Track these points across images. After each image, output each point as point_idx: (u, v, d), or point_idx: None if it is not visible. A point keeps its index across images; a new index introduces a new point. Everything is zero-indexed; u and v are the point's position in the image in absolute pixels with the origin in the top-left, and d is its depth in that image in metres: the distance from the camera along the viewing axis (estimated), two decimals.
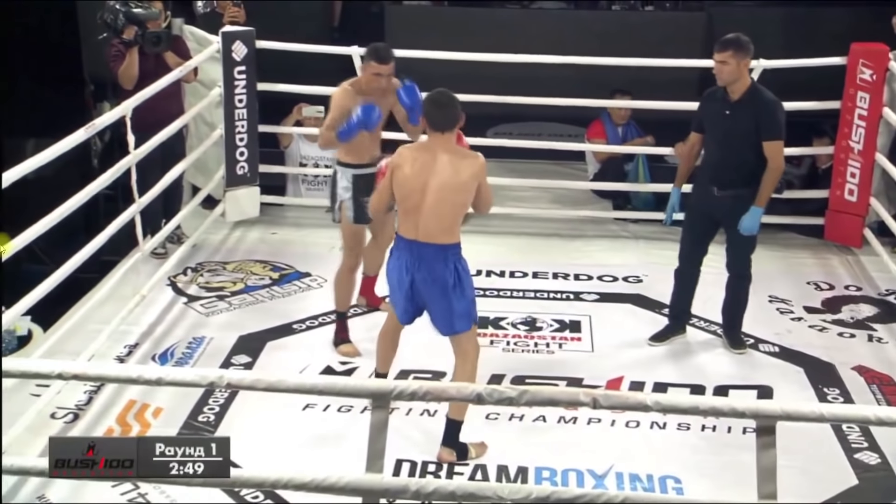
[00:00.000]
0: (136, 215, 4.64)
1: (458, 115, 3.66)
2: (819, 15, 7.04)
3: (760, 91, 4.28)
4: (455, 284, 3.67)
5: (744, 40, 4.23)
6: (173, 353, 4.50)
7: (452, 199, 3.64)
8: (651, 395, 3.05)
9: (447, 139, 3.65)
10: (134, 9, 5.00)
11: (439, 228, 3.65)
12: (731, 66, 4.18)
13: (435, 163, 3.62)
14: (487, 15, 7.30)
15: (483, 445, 3.82)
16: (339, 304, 4.57)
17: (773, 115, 4.21)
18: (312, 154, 6.13)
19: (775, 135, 4.20)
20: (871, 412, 2.60)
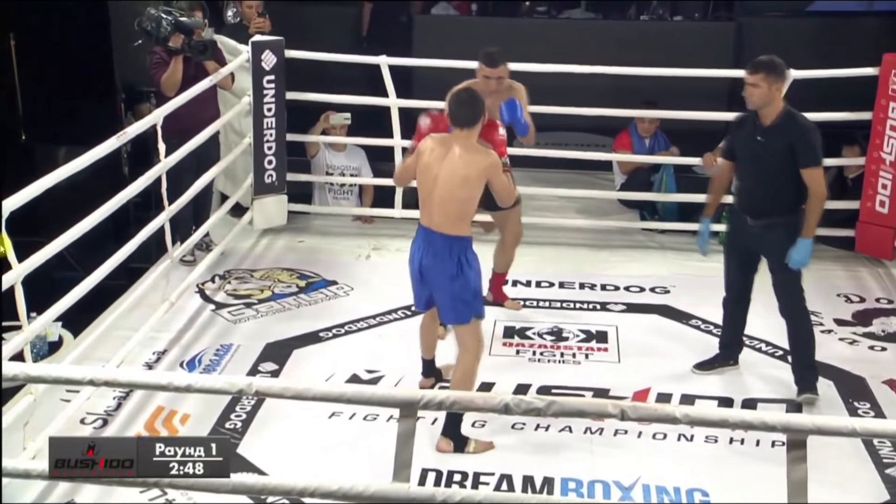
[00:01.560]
0: (166, 223, 4.68)
1: (476, 115, 3.78)
2: (850, 26, 6.97)
3: (794, 115, 4.07)
4: (457, 276, 3.78)
5: (777, 63, 4.05)
6: (201, 359, 4.52)
7: (458, 194, 3.76)
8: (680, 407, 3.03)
9: (465, 135, 3.78)
10: (180, 17, 5.05)
11: (446, 219, 3.79)
12: (763, 89, 4.01)
13: (448, 156, 3.77)
14: (514, 25, 7.30)
15: (489, 444, 3.86)
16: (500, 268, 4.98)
17: (809, 140, 4.01)
18: (339, 163, 6.16)
19: (814, 161, 4.01)
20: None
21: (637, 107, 5.92)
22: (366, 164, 6.19)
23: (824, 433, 2.61)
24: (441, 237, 3.80)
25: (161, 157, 4.62)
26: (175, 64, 5.11)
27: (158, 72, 5.16)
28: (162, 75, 5.14)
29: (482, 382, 4.31)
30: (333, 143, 6.11)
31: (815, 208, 4.05)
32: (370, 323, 4.93)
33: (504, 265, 5.00)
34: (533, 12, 7.55)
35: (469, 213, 3.83)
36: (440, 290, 3.84)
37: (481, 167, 3.75)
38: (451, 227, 3.79)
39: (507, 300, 5.08)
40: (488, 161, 3.78)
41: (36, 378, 2.92)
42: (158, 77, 5.17)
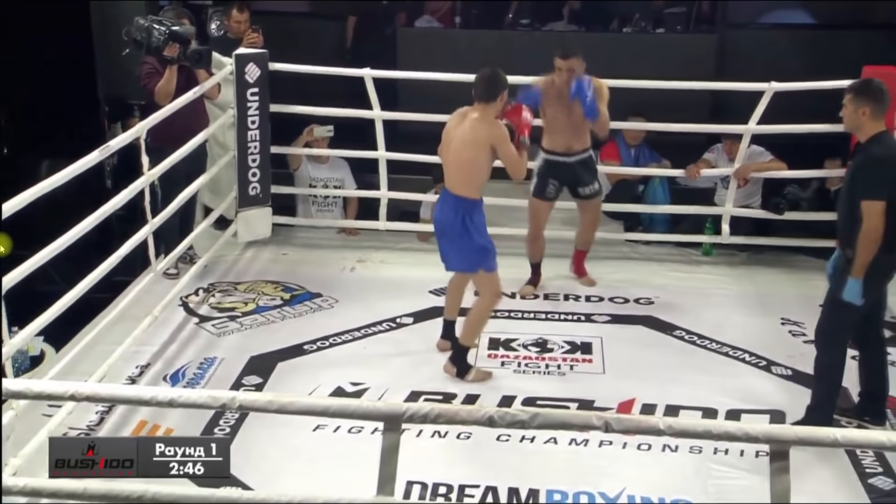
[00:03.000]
0: (150, 236, 4.66)
1: (492, 91, 4.25)
2: (831, 40, 7.04)
3: (873, 143, 3.81)
4: (461, 234, 4.31)
5: (867, 85, 3.85)
6: (184, 373, 4.50)
7: (464, 155, 4.27)
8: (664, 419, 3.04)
9: (481, 108, 4.27)
10: (173, 27, 5.06)
11: (456, 181, 4.33)
12: (849, 110, 3.85)
13: (462, 125, 4.30)
14: (498, 38, 7.34)
15: (488, 374, 4.44)
16: (530, 257, 5.37)
17: (870, 171, 3.78)
18: (322, 176, 6.16)
19: (870, 194, 3.75)
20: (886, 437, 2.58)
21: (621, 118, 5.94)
22: (349, 175, 6.20)
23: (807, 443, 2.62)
24: (452, 196, 4.33)
25: (144, 170, 4.61)
26: (170, 73, 5.10)
27: (151, 81, 5.16)
28: (155, 85, 5.14)
29: (467, 395, 4.33)
30: (316, 156, 6.11)
31: (864, 245, 3.78)
32: (355, 335, 4.93)
33: (584, 244, 5.46)
34: (516, 25, 7.58)
35: (474, 177, 4.29)
36: (448, 242, 4.39)
37: (485, 134, 4.22)
38: (460, 189, 4.32)
39: (584, 276, 5.49)
40: (493, 131, 4.23)
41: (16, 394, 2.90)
42: (152, 87, 5.16)
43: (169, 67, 5.09)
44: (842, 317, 3.97)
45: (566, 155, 5.12)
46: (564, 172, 5.16)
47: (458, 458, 3.89)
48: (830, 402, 4.03)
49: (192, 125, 5.22)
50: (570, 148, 5.11)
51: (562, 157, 5.13)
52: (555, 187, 5.20)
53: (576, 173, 5.17)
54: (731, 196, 5.79)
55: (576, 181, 5.19)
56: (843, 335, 4.03)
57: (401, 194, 6.06)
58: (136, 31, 5.07)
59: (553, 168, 5.17)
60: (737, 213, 5.81)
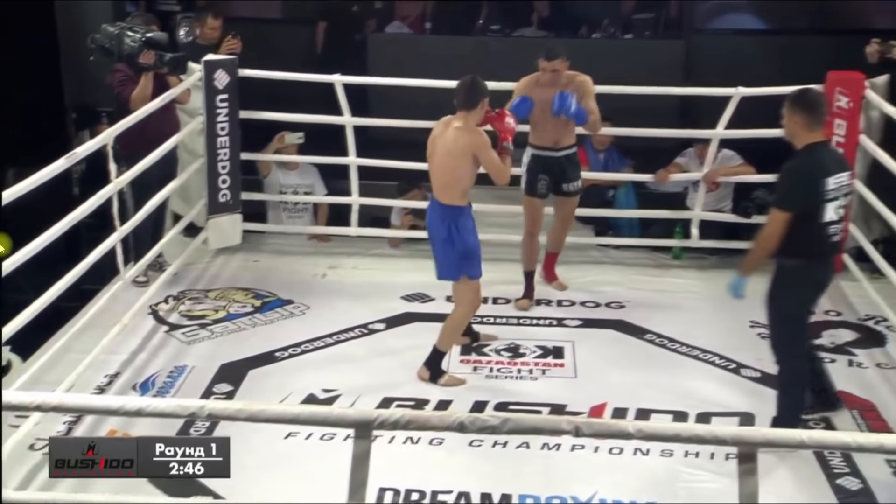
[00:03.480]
0: (118, 243, 4.63)
1: (471, 99, 4.31)
2: (796, 44, 7.13)
3: (802, 154, 3.83)
4: (447, 240, 4.37)
5: (804, 95, 3.85)
6: (154, 382, 4.47)
7: (448, 163, 4.32)
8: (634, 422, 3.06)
9: (462, 116, 4.33)
10: (147, 33, 5.04)
11: (440, 188, 4.39)
12: (785, 118, 3.86)
13: (445, 132, 4.36)
14: (468, 44, 7.36)
15: (461, 381, 4.48)
16: (524, 264, 5.34)
17: (788, 179, 3.83)
18: (292, 182, 6.14)
19: (778, 202, 3.81)
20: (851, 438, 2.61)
21: None
22: (319, 181, 6.18)
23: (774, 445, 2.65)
24: (438, 204, 4.40)
25: (112, 178, 4.57)
26: (146, 80, 5.09)
27: (126, 89, 5.14)
28: (130, 93, 5.12)
29: (439, 400, 4.33)
30: (286, 163, 6.09)
31: (757, 247, 3.89)
32: (327, 342, 4.91)
33: (556, 245, 5.48)
34: (486, 31, 7.60)
35: (458, 183, 4.34)
36: (436, 249, 4.46)
37: (465, 142, 4.27)
38: (444, 196, 4.38)
39: (554, 280, 5.50)
40: (473, 138, 4.28)
41: None
42: (127, 95, 5.13)
43: (144, 75, 5.08)
44: (779, 332, 4.00)
45: (553, 149, 5.15)
46: (552, 166, 5.19)
47: (431, 464, 3.89)
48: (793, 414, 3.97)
49: (166, 130, 5.22)
50: (557, 142, 5.15)
51: (549, 152, 5.16)
52: (545, 182, 5.22)
53: (562, 168, 5.19)
54: (700, 200, 5.84)
55: (561, 176, 5.21)
56: (798, 344, 4.02)
57: (372, 200, 6.06)
58: (105, 38, 5.03)
59: (541, 162, 5.20)
60: (705, 216, 5.86)
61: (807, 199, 3.77)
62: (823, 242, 3.84)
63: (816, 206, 3.77)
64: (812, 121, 3.81)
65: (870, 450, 2.57)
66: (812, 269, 3.89)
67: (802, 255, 3.83)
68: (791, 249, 3.81)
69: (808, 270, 3.88)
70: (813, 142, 3.83)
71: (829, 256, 3.95)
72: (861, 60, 5.54)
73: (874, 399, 4.40)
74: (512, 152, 4.53)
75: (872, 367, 4.71)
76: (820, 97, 3.90)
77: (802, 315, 4.01)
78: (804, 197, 3.77)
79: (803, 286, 3.93)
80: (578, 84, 5.03)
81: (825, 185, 3.77)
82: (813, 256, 3.85)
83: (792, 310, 3.96)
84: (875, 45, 5.46)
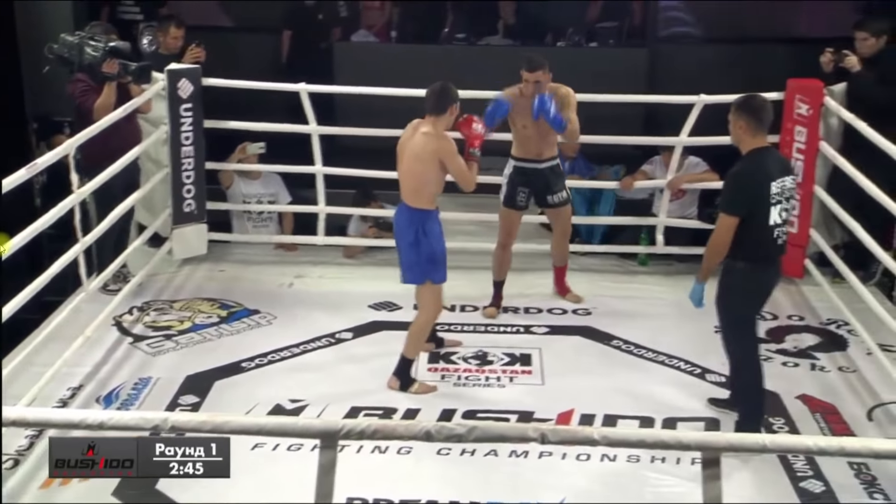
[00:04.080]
0: (80, 254, 4.58)
1: (440, 104, 4.36)
2: (758, 53, 7.22)
3: (745, 158, 3.91)
4: (414, 244, 4.40)
5: (749, 101, 3.91)
6: (118, 394, 4.42)
7: (415, 168, 4.36)
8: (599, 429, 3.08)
9: (431, 121, 4.37)
10: (110, 43, 5.01)
11: (407, 192, 4.42)
12: (731, 123, 3.93)
13: (413, 137, 4.39)
14: (434, 52, 7.37)
15: (432, 388, 4.50)
16: (494, 274, 5.35)
17: (733, 184, 3.89)
18: (254, 192, 6.11)
19: (725, 206, 3.87)
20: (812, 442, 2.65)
21: None
22: (282, 189, 6.16)
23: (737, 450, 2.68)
24: (406, 208, 4.44)
25: (74, 188, 4.52)
26: (109, 90, 5.06)
27: (89, 99, 5.09)
28: (92, 103, 5.07)
29: (407, 409, 4.32)
30: (248, 172, 6.06)
31: (709, 253, 3.94)
32: (294, 352, 4.89)
33: (561, 259, 5.46)
34: (452, 39, 7.62)
35: (425, 188, 4.38)
36: (402, 252, 4.48)
37: (432, 148, 4.31)
38: (412, 200, 4.41)
39: (568, 293, 5.46)
40: (438, 144, 4.32)
41: None
42: (90, 104, 5.09)
43: (108, 84, 5.04)
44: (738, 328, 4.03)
45: (537, 161, 5.16)
46: (535, 179, 5.18)
47: (399, 473, 3.88)
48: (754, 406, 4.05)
49: (129, 140, 5.19)
50: (540, 154, 5.16)
51: (532, 164, 5.16)
52: (524, 195, 5.22)
53: (546, 180, 5.19)
54: (665, 207, 5.89)
55: (546, 188, 5.21)
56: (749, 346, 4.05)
57: (339, 209, 6.05)
58: (64, 48, 4.99)
59: (523, 175, 5.19)
60: (670, 223, 5.92)
61: (751, 203, 3.83)
62: (769, 245, 3.91)
63: (760, 210, 3.84)
64: (756, 126, 3.88)
65: (831, 453, 2.60)
66: (758, 272, 3.95)
67: (748, 258, 3.90)
68: (737, 252, 3.88)
69: (755, 273, 3.95)
70: (757, 147, 3.90)
71: (775, 259, 4.01)
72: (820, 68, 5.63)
73: (836, 402, 4.46)
74: (479, 159, 4.54)
75: (834, 371, 4.78)
76: (764, 103, 3.96)
77: (751, 317, 4.07)
78: (748, 201, 3.84)
79: (749, 288, 3.99)
80: (562, 95, 5.05)
81: (768, 189, 3.83)
82: (759, 259, 3.92)
83: (739, 311, 4.02)
84: (829, 55, 5.55)
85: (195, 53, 5.80)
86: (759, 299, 4.08)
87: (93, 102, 5.07)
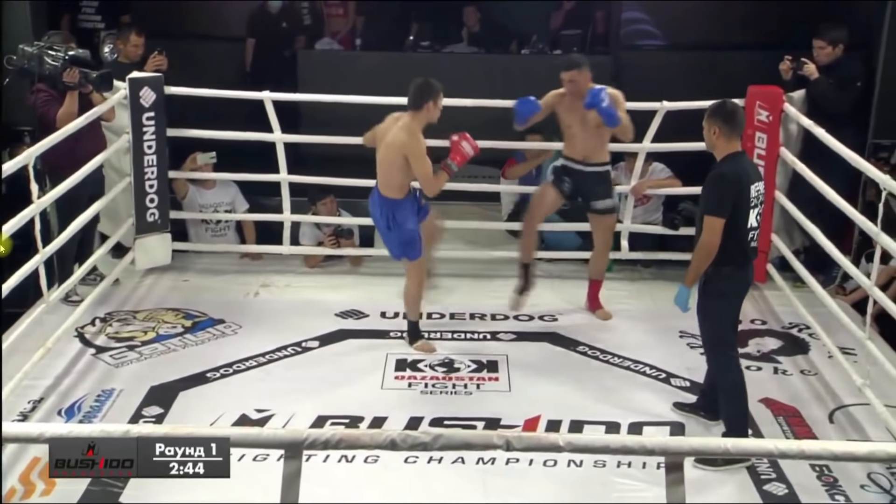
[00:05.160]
0: (41, 265, 4.51)
1: (418, 98, 4.53)
2: (719, 60, 7.31)
3: (723, 162, 3.95)
4: (388, 228, 4.70)
5: (721, 107, 3.95)
6: (80, 406, 4.36)
7: (386, 157, 4.57)
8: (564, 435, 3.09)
9: (409, 115, 4.55)
10: (70, 51, 4.97)
11: (381, 180, 4.63)
12: (705, 130, 3.98)
13: (390, 129, 4.58)
14: (399, 59, 7.37)
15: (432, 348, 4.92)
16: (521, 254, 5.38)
17: (715, 187, 3.92)
18: (209, 202, 6.06)
19: (711, 210, 3.90)
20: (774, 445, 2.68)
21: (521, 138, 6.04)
22: (238, 196, 6.12)
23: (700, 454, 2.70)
24: (379, 195, 4.67)
25: (34, 198, 4.46)
26: (71, 98, 5.02)
27: (51, 108, 5.05)
28: (55, 112, 5.03)
29: (374, 417, 4.31)
30: (202, 182, 6.01)
31: (697, 256, 3.95)
32: (260, 361, 4.86)
33: (597, 272, 5.41)
34: (417, 47, 7.63)
35: (395, 179, 4.57)
36: (380, 233, 4.85)
37: (400, 142, 4.48)
38: (382, 188, 4.64)
39: (598, 309, 5.39)
40: (406, 140, 4.47)
41: None
42: (53, 114, 5.04)
43: (70, 93, 5.00)
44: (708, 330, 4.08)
45: (582, 164, 5.16)
46: (580, 180, 5.18)
47: (366, 482, 3.87)
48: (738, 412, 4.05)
49: (94, 149, 5.16)
50: (586, 157, 5.15)
51: (577, 165, 5.17)
52: (569, 185, 5.19)
53: (590, 184, 5.18)
54: (629, 212, 5.94)
55: (589, 192, 5.19)
56: (733, 351, 4.11)
57: (304, 217, 6.02)
58: (23, 58, 4.93)
59: (570, 172, 5.20)
60: (634, 229, 5.96)
61: (736, 204, 3.89)
62: (747, 248, 3.98)
63: (742, 212, 3.90)
64: (730, 131, 3.95)
65: (792, 456, 2.63)
66: (743, 274, 4.01)
67: (732, 263, 3.94)
68: (721, 258, 3.91)
69: (740, 277, 4.00)
70: (733, 151, 3.96)
71: (752, 262, 4.08)
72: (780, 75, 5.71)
73: (798, 405, 4.52)
74: (454, 172, 4.65)
75: (797, 374, 4.84)
76: (736, 108, 4.02)
77: (735, 321, 4.12)
78: (735, 202, 3.89)
79: (737, 292, 4.06)
80: (611, 95, 5.05)
81: (749, 192, 3.91)
82: (741, 263, 3.98)
83: (729, 317, 4.06)
84: (787, 63, 5.64)
85: (157, 61, 5.75)
86: (741, 302, 4.14)
87: (55, 112, 5.03)
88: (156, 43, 5.96)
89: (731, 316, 4.09)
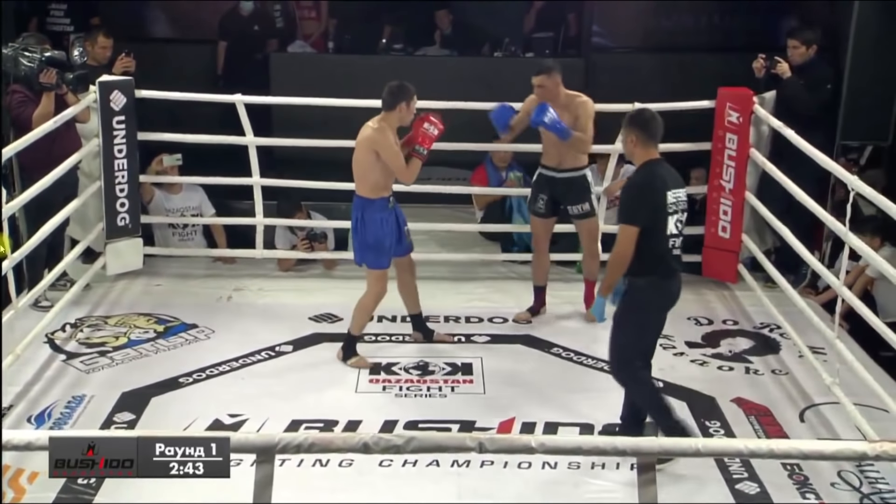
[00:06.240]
0: (9, 271, 4.47)
1: (391, 100, 4.59)
2: (690, 61, 7.37)
3: (639, 171, 3.96)
4: (357, 228, 4.69)
5: (639, 115, 3.98)
6: (50, 413, 4.32)
7: (358, 156, 4.63)
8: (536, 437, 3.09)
9: (382, 116, 4.62)
10: (46, 53, 4.95)
11: (355, 179, 4.68)
12: (623, 139, 4.00)
13: (364, 129, 4.62)
14: (371, 62, 7.36)
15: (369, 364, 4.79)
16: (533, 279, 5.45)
17: (630, 196, 3.91)
18: (176, 206, 6.02)
19: (625, 218, 3.88)
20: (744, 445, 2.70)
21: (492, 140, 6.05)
22: (205, 200, 6.08)
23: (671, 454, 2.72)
24: (354, 195, 4.70)
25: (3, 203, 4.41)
26: (48, 99, 4.99)
27: (27, 109, 5.03)
28: (30, 113, 5.00)
29: (348, 421, 4.31)
30: (168, 185, 5.97)
31: (611, 265, 3.92)
32: (233, 366, 4.84)
33: (589, 272, 5.38)
34: (389, 50, 7.63)
35: (366, 178, 4.61)
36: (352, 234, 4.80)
37: (370, 138, 4.55)
38: (358, 187, 4.68)
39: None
40: (375, 136, 4.55)
41: None
42: (28, 115, 5.01)
43: (46, 94, 4.97)
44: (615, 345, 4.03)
45: (555, 170, 5.17)
46: (553, 187, 5.19)
47: (340, 486, 3.86)
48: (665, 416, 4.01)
49: (70, 149, 5.14)
50: (560, 163, 5.16)
51: (551, 172, 5.19)
52: (544, 202, 5.21)
53: (563, 190, 5.18)
54: (602, 214, 5.95)
55: (564, 198, 5.20)
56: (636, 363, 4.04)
57: (277, 220, 6.00)
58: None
59: (543, 182, 5.22)
60: (606, 230, 5.97)
61: (652, 213, 3.87)
62: (668, 257, 3.93)
63: (660, 220, 3.88)
64: (647, 139, 3.94)
65: (762, 456, 2.65)
66: (666, 284, 3.96)
67: (652, 272, 3.91)
68: (639, 268, 3.88)
69: (664, 288, 3.95)
70: (650, 159, 3.96)
71: (676, 271, 3.99)
72: (752, 77, 5.77)
73: (769, 405, 4.56)
74: (425, 157, 4.67)
75: (768, 374, 4.88)
76: (653, 116, 4.00)
77: (651, 338, 4.07)
78: (650, 210, 3.87)
79: (658, 305, 3.99)
80: (577, 105, 5.07)
81: (665, 199, 3.88)
82: (662, 273, 3.93)
83: (644, 331, 4.01)
84: (761, 61, 5.70)
85: (125, 63, 5.71)
86: (663, 315, 4.06)
87: (31, 113, 5.02)
88: (127, 46, 5.92)
89: (646, 331, 4.02)
